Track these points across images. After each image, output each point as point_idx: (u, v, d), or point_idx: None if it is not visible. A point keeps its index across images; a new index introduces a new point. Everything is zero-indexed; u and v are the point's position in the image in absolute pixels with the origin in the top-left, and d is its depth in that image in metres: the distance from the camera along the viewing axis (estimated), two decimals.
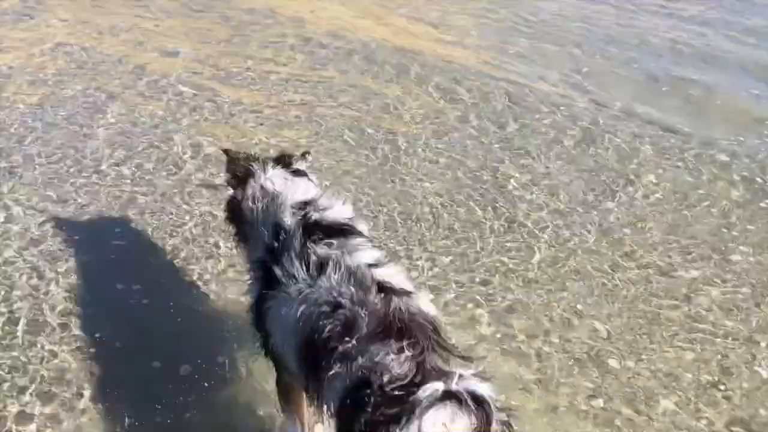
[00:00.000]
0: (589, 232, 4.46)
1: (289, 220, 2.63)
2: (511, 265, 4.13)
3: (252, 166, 2.98)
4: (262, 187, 2.88)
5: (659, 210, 4.75)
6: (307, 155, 3.20)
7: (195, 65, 6.57)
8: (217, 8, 8.14)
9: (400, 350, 2.00)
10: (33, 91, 5.93)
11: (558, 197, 4.81)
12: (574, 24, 8.22)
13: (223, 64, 6.60)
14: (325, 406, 2.23)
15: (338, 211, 2.70)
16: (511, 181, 4.97)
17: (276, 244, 2.60)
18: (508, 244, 4.30)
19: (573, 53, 7.32)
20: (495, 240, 4.35)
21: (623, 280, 4.05)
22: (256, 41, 7.21)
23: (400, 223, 4.47)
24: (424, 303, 2.27)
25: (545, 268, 4.11)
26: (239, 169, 3.03)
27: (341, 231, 2.56)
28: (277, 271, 2.48)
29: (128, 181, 4.78)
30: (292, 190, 2.81)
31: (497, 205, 4.69)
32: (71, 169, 4.85)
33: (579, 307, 3.83)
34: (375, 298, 2.19)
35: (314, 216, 2.62)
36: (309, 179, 3.00)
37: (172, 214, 4.45)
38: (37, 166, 4.86)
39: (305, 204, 2.70)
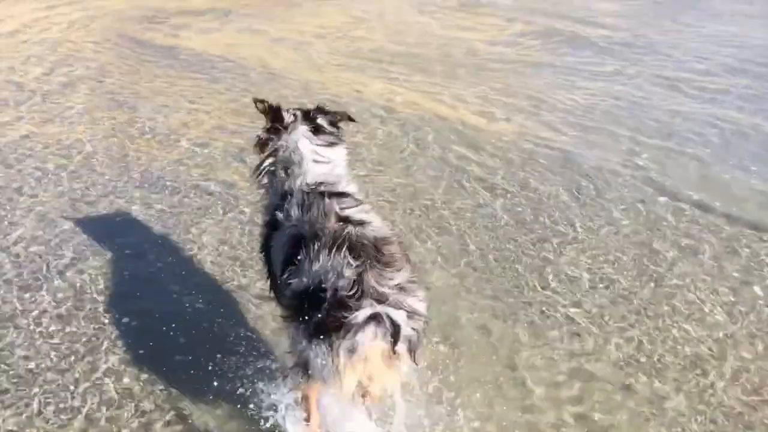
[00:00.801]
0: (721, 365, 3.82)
1: (299, 193, 3.03)
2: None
3: (289, 126, 3.25)
4: (291, 151, 3.20)
5: None
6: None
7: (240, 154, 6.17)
8: (272, 87, 7.80)
9: (347, 262, 2.51)
10: (91, 192, 5.52)
11: (675, 321, 4.18)
12: (620, 104, 7.95)
13: None
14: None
15: (344, 186, 3.11)
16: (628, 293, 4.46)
17: (285, 204, 3.03)
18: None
19: (629, 137, 6.95)
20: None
21: None
22: None
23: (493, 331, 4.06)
24: (376, 228, 2.75)
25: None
26: (277, 124, 3.27)
27: (338, 194, 2.98)
28: (280, 216, 2.99)
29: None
30: (315, 166, 3.14)
31: (603, 325, 4.18)
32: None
33: None
34: (334, 224, 2.72)
35: (321, 188, 3.01)
36: (340, 148, 3.28)
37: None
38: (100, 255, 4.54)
39: (320, 183, 3.05)
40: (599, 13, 13.24)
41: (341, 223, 2.73)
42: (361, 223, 2.75)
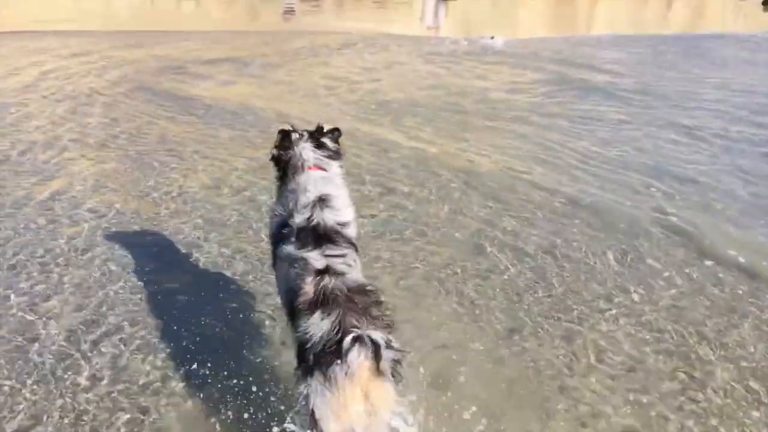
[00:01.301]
0: None
1: (298, 219, 3.33)
2: None
3: (296, 148, 3.65)
4: (296, 159, 3.62)
5: None
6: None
7: None
8: None
9: (323, 318, 2.84)
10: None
11: (753, 404, 3.84)
12: (640, 155, 7.81)
13: None
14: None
15: (341, 207, 3.40)
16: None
17: (286, 231, 3.34)
18: None
19: (657, 191, 6.78)
20: None
21: None
22: None
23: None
24: (351, 278, 3.04)
25: None
26: (287, 143, 3.69)
27: (329, 237, 3.24)
28: (283, 249, 3.29)
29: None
30: (316, 172, 3.54)
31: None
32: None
33: None
34: (312, 280, 3.01)
35: (315, 220, 3.28)
36: (337, 162, 3.69)
37: None
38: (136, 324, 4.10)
39: (317, 201, 3.35)
40: (604, 60, 13.29)
41: (319, 277, 3.00)
42: (340, 274, 3.02)
